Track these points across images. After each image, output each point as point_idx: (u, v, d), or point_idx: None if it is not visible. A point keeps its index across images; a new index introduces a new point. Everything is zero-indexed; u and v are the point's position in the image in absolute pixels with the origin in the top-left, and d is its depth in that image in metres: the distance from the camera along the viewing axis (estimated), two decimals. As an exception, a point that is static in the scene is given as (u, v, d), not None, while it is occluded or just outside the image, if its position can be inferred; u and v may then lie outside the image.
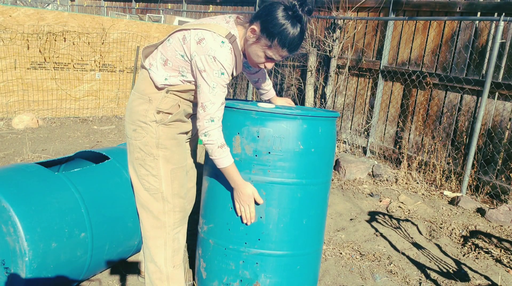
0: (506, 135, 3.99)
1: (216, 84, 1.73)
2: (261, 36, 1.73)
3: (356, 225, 3.37)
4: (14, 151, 4.45)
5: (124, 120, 1.98)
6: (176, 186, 1.97)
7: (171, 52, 1.82)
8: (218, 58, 1.70)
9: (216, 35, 1.73)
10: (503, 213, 3.53)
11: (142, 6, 11.30)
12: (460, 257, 2.97)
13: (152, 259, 1.99)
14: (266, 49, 1.76)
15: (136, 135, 1.90)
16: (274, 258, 2.02)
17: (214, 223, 2.07)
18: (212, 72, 1.71)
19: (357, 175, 4.49)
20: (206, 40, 1.71)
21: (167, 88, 1.85)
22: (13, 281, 1.87)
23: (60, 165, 2.65)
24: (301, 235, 2.06)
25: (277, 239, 2.01)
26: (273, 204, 1.98)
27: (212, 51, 1.70)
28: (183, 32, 1.80)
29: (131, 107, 1.92)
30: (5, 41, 5.43)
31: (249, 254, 2.01)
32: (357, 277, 2.62)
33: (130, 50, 6.51)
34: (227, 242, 2.03)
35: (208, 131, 1.77)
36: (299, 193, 2.01)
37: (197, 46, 1.72)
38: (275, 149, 1.94)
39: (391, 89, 5.03)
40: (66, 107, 6.16)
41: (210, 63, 1.71)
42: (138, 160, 1.93)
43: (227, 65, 1.73)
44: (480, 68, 4.16)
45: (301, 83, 6.05)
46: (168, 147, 1.92)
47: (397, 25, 4.91)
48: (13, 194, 1.89)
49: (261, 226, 1.99)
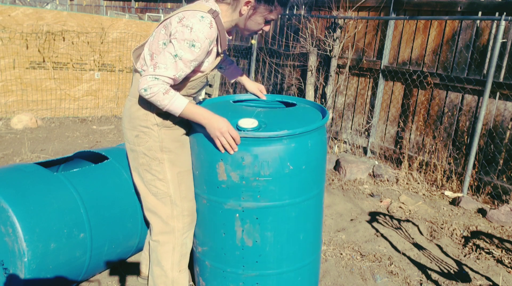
0: (508, 135, 3.98)
1: (183, 54, 1.66)
2: (259, 4, 1.74)
3: (357, 225, 3.36)
4: (13, 151, 4.44)
5: (123, 127, 1.94)
6: (183, 189, 1.95)
7: (155, 44, 1.79)
8: (194, 29, 1.65)
9: (196, 11, 1.69)
10: (505, 213, 3.52)
11: (142, 6, 11.28)
12: (461, 257, 2.96)
13: (159, 262, 1.97)
14: (267, 14, 1.77)
15: (139, 141, 1.87)
16: (275, 276, 1.97)
17: (209, 247, 2.01)
18: (183, 40, 1.65)
19: (357, 175, 4.47)
20: (185, 17, 1.68)
21: None
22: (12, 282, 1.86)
23: (59, 165, 2.64)
24: (300, 249, 2.00)
25: (275, 259, 1.94)
26: (268, 227, 1.88)
27: (190, 23, 1.66)
28: (165, 22, 1.78)
29: (130, 113, 1.87)
30: (4, 40, 5.41)
31: (248, 276, 1.95)
32: (357, 278, 2.61)
33: (130, 49, 6.49)
34: (225, 266, 1.97)
35: (149, 86, 1.65)
36: (293, 212, 1.91)
37: (177, 25, 1.69)
38: (263, 174, 1.79)
39: (392, 89, 5.02)
40: (65, 107, 6.14)
41: (185, 32, 1.65)
42: (143, 166, 1.90)
43: (202, 38, 1.66)
44: (481, 68, 4.15)
45: (301, 83, 6.04)
46: (172, 150, 1.89)
47: (397, 24, 4.90)
48: (12, 194, 1.87)
49: (257, 250, 1.91)
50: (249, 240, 1.90)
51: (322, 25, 5.72)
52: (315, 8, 5.91)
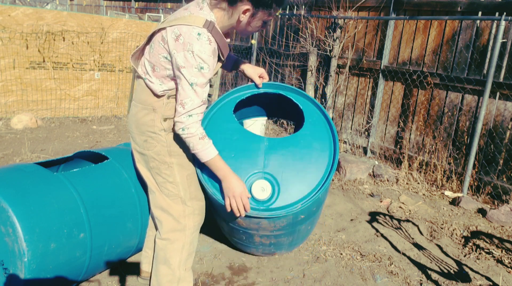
0: (508, 135, 3.98)
1: (197, 80, 1.71)
2: (257, 10, 1.76)
3: (357, 225, 3.36)
4: (13, 151, 4.44)
5: (131, 132, 1.97)
6: (193, 190, 2.00)
7: (155, 57, 1.80)
8: (196, 52, 1.67)
9: (192, 27, 1.68)
10: (505, 213, 3.51)
11: (142, 6, 11.28)
12: (461, 257, 2.96)
13: (167, 261, 1.99)
14: (266, 17, 1.81)
15: (148, 145, 1.91)
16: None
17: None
18: (191, 67, 1.69)
19: (357, 175, 4.47)
20: (182, 35, 1.69)
21: (167, 94, 1.84)
22: (12, 282, 1.86)
23: (59, 165, 2.64)
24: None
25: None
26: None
27: (190, 46, 1.67)
28: (161, 33, 1.77)
29: (137, 119, 1.91)
30: (4, 40, 5.40)
31: None
32: (357, 278, 2.60)
33: (130, 49, 6.48)
34: None
35: (186, 126, 1.74)
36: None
37: (175, 44, 1.70)
38: (276, 229, 2.14)
39: (392, 89, 5.02)
40: (65, 107, 6.14)
41: (189, 58, 1.68)
42: (154, 169, 1.94)
43: (206, 57, 1.70)
44: (481, 68, 4.15)
45: (301, 83, 6.04)
46: (180, 153, 1.93)
47: (398, 24, 4.90)
48: (12, 194, 1.87)
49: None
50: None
51: (322, 25, 5.71)
52: (315, 8, 5.91)
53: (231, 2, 1.74)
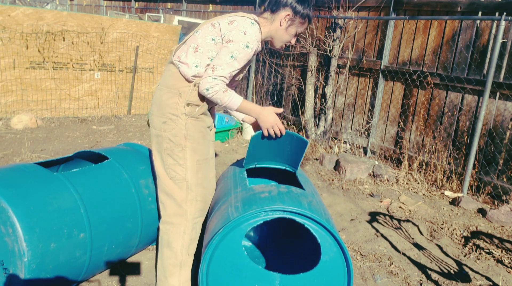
0: (508, 135, 3.98)
1: (238, 54, 1.90)
2: (295, 17, 2.01)
3: (357, 225, 3.36)
4: (12, 151, 4.44)
5: (151, 114, 2.11)
6: (200, 176, 2.10)
7: (201, 38, 1.97)
8: (248, 32, 1.90)
9: (245, 17, 1.95)
10: (504, 213, 3.51)
11: (142, 6, 11.28)
12: (461, 257, 2.96)
13: (169, 244, 2.09)
14: (299, 27, 2.05)
15: (166, 127, 2.03)
16: None
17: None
18: (239, 42, 1.89)
19: (357, 175, 4.47)
20: (236, 21, 1.93)
21: (194, 81, 1.99)
22: (12, 282, 1.85)
23: (59, 165, 2.64)
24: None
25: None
26: None
27: (243, 27, 1.90)
28: (211, 21, 1.99)
29: (160, 101, 2.04)
30: (4, 40, 5.40)
31: None
32: (357, 278, 2.60)
33: (130, 49, 6.48)
34: None
35: (210, 86, 1.89)
36: None
37: (228, 26, 1.92)
38: None
39: (392, 89, 5.02)
40: (65, 107, 6.14)
41: (240, 35, 1.89)
42: (166, 150, 2.05)
43: (254, 40, 1.92)
44: (481, 68, 4.15)
45: (301, 83, 6.04)
46: (195, 138, 2.06)
47: (398, 24, 4.90)
48: (12, 194, 1.87)
49: None
50: None
51: (322, 25, 5.71)
52: (315, 8, 5.90)
53: (273, 10, 2.02)
